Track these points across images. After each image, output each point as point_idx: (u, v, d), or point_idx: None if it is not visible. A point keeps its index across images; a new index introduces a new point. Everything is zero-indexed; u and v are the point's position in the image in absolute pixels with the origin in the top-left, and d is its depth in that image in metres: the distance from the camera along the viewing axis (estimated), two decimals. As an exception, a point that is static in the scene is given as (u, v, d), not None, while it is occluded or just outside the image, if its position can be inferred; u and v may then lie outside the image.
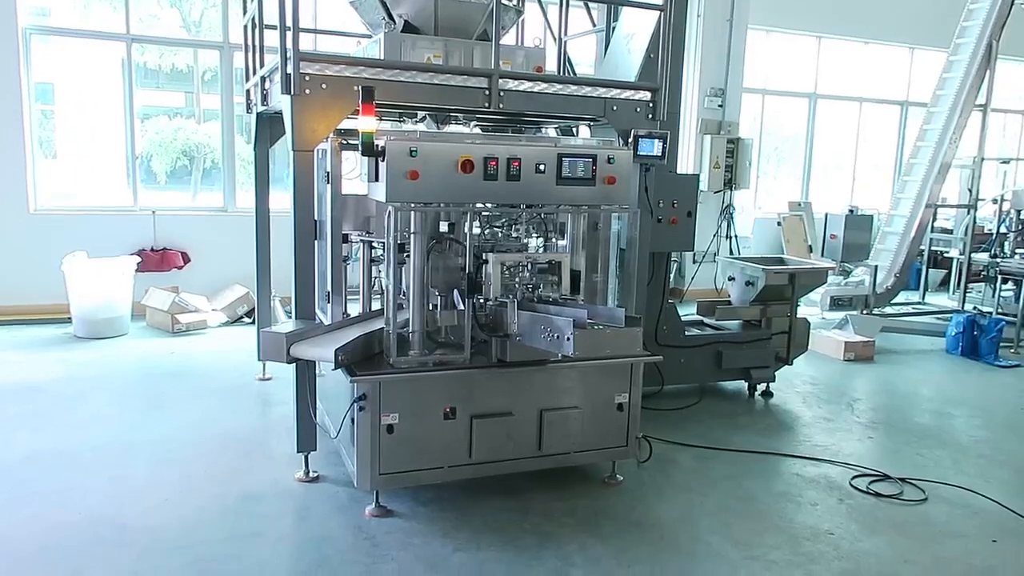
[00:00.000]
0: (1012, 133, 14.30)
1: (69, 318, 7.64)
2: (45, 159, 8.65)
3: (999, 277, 8.78)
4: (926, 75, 11.96)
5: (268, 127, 5.86)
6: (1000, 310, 8.71)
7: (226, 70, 8.84)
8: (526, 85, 4.50)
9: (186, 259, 8.57)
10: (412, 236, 3.97)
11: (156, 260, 8.36)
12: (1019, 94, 14.00)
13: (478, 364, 4.04)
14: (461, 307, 4.06)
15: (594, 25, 6.26)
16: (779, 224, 11.04)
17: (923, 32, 12.01)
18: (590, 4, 6.36)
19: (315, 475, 4.43)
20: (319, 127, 4.06)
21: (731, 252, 10.59)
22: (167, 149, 9.19)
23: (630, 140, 4.65)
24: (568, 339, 3.55)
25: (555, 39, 6.35)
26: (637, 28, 5.32)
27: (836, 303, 8.56)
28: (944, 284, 11.21)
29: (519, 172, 4.00)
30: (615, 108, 4.71)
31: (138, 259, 8.05)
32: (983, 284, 9.58)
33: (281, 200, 5.68)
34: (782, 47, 11.78)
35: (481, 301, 4.07)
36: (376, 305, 4.70)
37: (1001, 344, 7.91)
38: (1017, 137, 14.29)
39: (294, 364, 4.10)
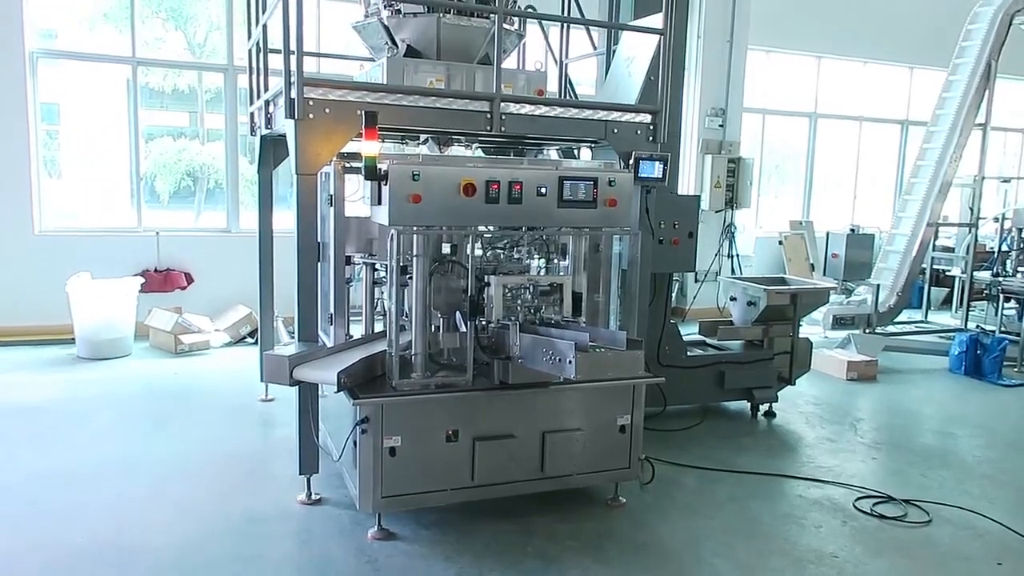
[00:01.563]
0: (1012, 151, 14.35)
1: (73, 339, 7.65)
2: (50, 178, 8.70)
3: (1001, 296, 8.78)
4: (926, 94, 12.02)
5: (272, 149, 5.90)
6: (1003, 329, 8.71)
7: (230, 91, 8.92)
8: (527, 108, 4.54)
9: (189, 279, 8.60)
10: (415, 259, 4.00)
11: (160, 281, 8.40)
12: (1019, 112, 14.07)
13: (480, 386, 4.05)
14: (463, 329, 4.08)
15: (595, 48, 6.32)
16: (780, 243, 11.06)
17: (922, 52, 12.09)
18: (591, 28, 6.42)
19: (317, 497, 4.43)
20: (323, 151, 4.09)
21: (733, 271, 10.60)
22: (171, 170, 9.25)
23: (631, 162, 4.68)
24: (570, 362, 3.56)
25: (556, 62, 6.40)
26: (637, 51, 5.37)
27: (838, 322, 8.58)
28: (947, 302, 11.21)
29: (520, 195, 4.03)
30: (616, 131, 4.74)
31: (142, 280, 8.08)
32: (986, 302, 9.58)
33: (284, 220, 5.72)
34: (782, 67, 11.87)
35: (483, 323, 4.08)
36: (379, 326, 4.71)
37: (1004, 363, 7.90)
38: (1018, 155, 14.34)
39: (296, 386, 4.11)
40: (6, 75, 7.90)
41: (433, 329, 4.20)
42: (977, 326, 9.06)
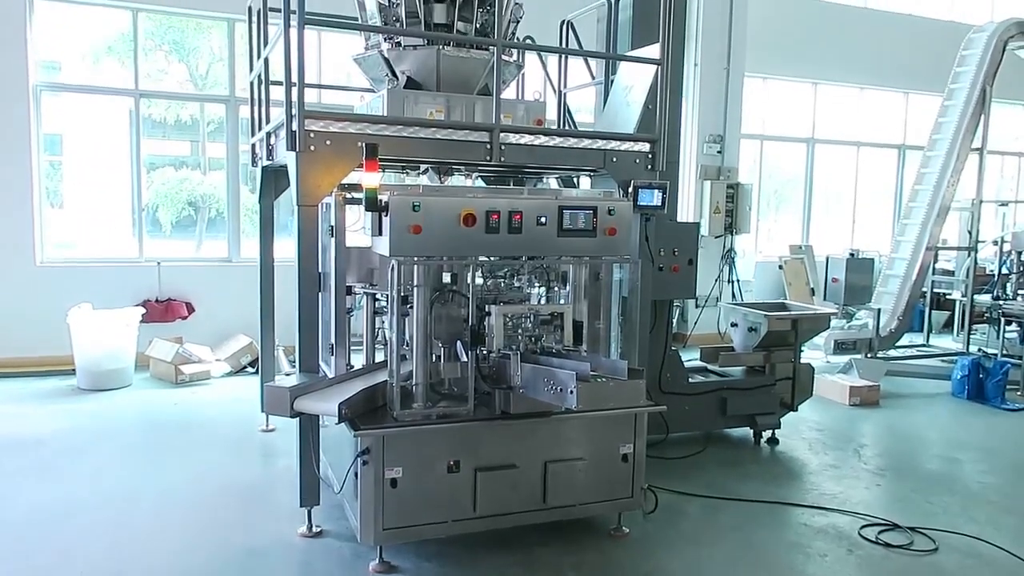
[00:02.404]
0: (1009, 174, 14.42)
1: (73, 370, 7.64)
2: (52, 208, 8.72)
3: (1002, 319, 8.77)
4: (922, 119, 12.11)
5: (273, 180, 5.94)
6: (1005, 352, 8.68)
7: (232, 122, 8.98)
8: (527, 138, 4.58)
9: (190, 309, 8.60)
10: (415, 288, 4.01)
11: (161, 311, 8.39)
12: (1015, 135, 14.18)
13: (481, 416, 4.04)
14: (464, 359, 4.07)
15: (593, 77, 6.38)
16: (781, 268, 11.07)
17: (917, 77, 12.21)
18: (589, 58, 6.48)
19: (318, 529, 4.39)
20: (323, 182, 4.12)
21: (733, 296, 10.60)
22: (172, 200, 9.29)
23: (630, 190, 4.71)
24: (571, 392, 3.55)
25: (555, 91, 6.47)
26: (635, 81, 5.42)
27: (840, 347, 8.54)
28: (948, 326, 11.19)
29: (520, 225, 4.05)
30: (614, 159, 4.78)
31: (143, 310, 8.07)
32: (987, 325, 9.57)
33: (285, 249, 5.73)
34: (779, 93, 11.97)
35: (484, 353, 4.08)
36: (380, 356, 4.71)
37: (1007, 387, 7.87)
38: (1015, 178, 14.41)
39: (297, 418, 4.10)
40: (10, 108, 7.96)
41: (434, 359, 4.20)
42: (979, 349, 9.04)
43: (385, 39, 4.98)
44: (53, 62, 8.69)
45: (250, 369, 8.24)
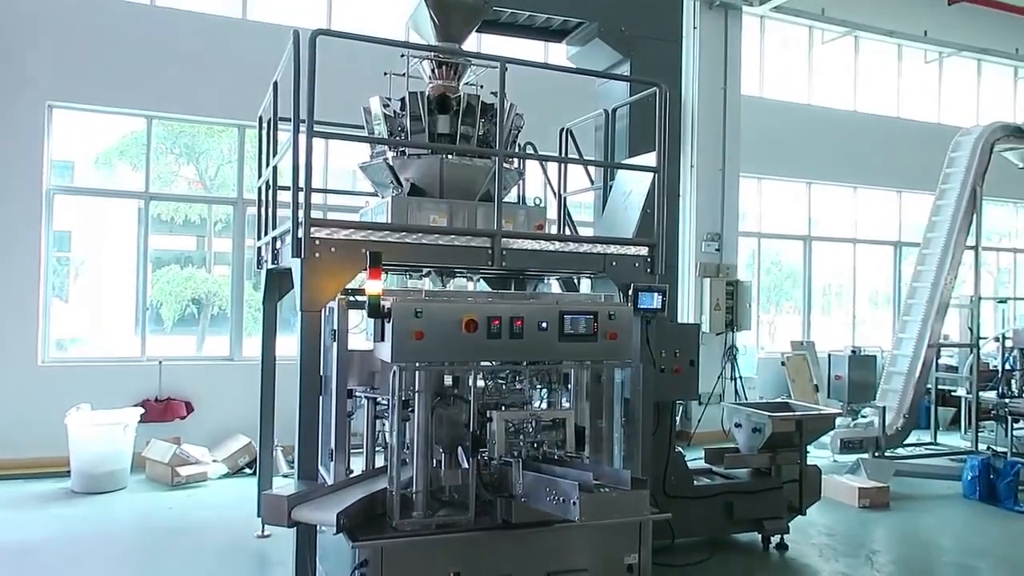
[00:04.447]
0: (1006, 266, 14.57)
1: (68, 471, 7.50)
2: (58, 301, 8.76)
3: (1009, 417, 8.67)
4: (915, 216, 12.34)
5: (278, 281, 6.01)
6: (1015, 451, 8.54)
7: (238, 222, 9.15)
8: (528, 244, 4.66)
9: (189, 409, 8.52)
10: (416, 394, 3.99)
11: (160, 411, 8.32)
12: (1007, 231, 14.45)
13: (483, 525, 3.95)
14: (465, 465, 4.02)
15: (592, 182, 6.54)
16: (783, 364, 11.03)
17: (908, 177, 12.54)
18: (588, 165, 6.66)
19: (313, 646, 4.23)
20: (328, 288, 4.18)
21: (736, 394, 10.52)
22: (176, 297, 9.35)
23: (630, 293, 4.76)
24: (574, 503, 3.49)
25: (555, 195, 6.62)
26: (633, 186, 5.57)
27: (846, 446, 8.41)
28: (955, 422, 11.05)
29: (522, 330, 4.07)
30: (614, 263, 4.85)
31: (141, 410, 7.99)
32: (994, 422, 9.45)
33: (287, 345, 5.73)
34: (774, 192, 12.24)
35: (486, 459, 4.02)
36: (380, 460, 4.64)
37: (1019, 488, 7.69)
38: (1010, 271, 14.55)
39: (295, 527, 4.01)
40: (24, 212, 8.11)
41: (435, 464, 4.14)
42: (988, 448, 8.90)
43: (390, 148, 5.14)
44: (66, 162, 8.91)
45: (248, 470, 8.10)
